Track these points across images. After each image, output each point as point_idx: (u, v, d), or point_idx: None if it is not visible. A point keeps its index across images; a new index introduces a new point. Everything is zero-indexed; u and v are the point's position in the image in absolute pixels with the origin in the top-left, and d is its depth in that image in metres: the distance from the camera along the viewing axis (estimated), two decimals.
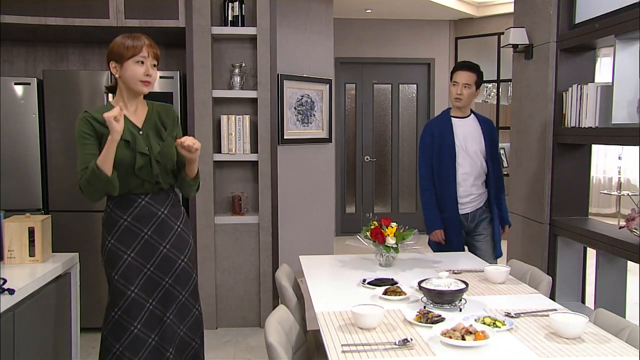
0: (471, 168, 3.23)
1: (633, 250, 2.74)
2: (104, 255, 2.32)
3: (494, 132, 3.35)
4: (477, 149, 3.24)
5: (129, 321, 2.26)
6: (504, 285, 2.37)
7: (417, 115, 7.39)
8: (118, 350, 2.25)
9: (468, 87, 3.22)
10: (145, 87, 2.26)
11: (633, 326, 1.82)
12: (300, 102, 5.07)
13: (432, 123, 3.39)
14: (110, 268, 2.29)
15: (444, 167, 3.23)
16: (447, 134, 3.24)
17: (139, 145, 2.25)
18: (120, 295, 2.26)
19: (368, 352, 1.66)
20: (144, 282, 2.29)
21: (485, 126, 3.30)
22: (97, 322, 3.79)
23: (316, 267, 2.70)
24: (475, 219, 3.29)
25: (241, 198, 3.95)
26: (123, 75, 2.24)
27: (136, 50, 2.21)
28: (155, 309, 2.31)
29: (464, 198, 3.24)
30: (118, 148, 2.16)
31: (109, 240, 2.29)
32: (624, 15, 2.83)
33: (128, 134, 2.23)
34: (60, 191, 3.76)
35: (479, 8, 6.95)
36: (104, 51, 4.24)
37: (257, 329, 3.90)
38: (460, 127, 3.26)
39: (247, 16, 3.94)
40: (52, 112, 3.72)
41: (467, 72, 3.25)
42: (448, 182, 3.22)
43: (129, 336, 2.25)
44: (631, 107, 2.90)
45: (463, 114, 3.30)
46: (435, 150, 3.26)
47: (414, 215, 7.40)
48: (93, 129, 2.21)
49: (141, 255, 2.29)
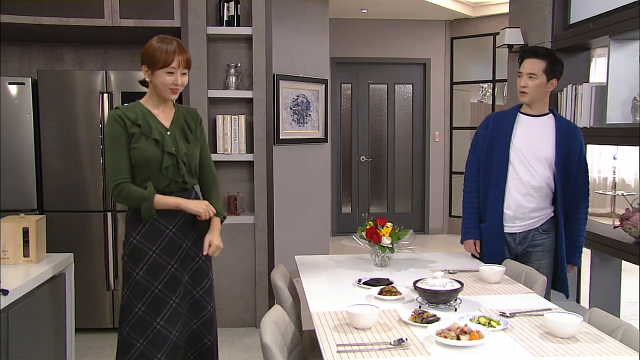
0: (529, 175, 2.65)
1: (628, 250, 2.75)
2: (126, 251, 2.31)
3: (574, 140, 2.67)
4: (543, 155, 2.65)
5: (152, 317, 2.27)
6: (499, 285, 2.37)
7: (413, 115, 7.40)
8: (142, 345, 2.26)
9: (534, 78, 2.62)
10: (172, 95, 2.32)
11: (627, 325, 1.82)
12: (296, 102, 5.07)
13: (493, 115, 2.88)
14: (133, 264, 2.29)
15: (494, 168, 2.71)
16: (503, 129, 2.70)
17: (167, 145, 2.30)
18: (144, 291, 2.27)
19: (363, 352, 1.65)
20: (168, 279, 2.31)
21: (562, 131, 2.67)
22: (93, 322, 3.82)
23: (312, 267, 2.70)
24: (525, 241, 2.72)
25: (237, 198, 3.94)
26: (153, 81, 2.30)
27: (167, 62, 2.25)
28: (178, 306, 2.33)
29: (512, 210, 2.69)
30: (148, 146, 2.25)
31: (133, 237, 2.29)
32: (618, 15, 2.84)
33: (157, 133, 2.29)
34: (55, 191, 3.74)
35: (475, 8, 6.97)
36: (99, 51, 4.26)
37: (252, 329, 3.89)
38: (526, 124, 2.70)
39: (243, 16, 3.93)
40: (46, 112, 3.71)
41: (532, 59, 2.64)
42: (494, 187, 2.70)
43: (152, 332, 2.27)
44: (625, 107, 2.91)
45: (536, 112, 2.71)
46: (485, 147, 2.75)
47: (409, 215, 7.41)
48: (125, 129, 2.25)
49: (165, 251, 2.31)
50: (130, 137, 2.25)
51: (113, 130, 2.24)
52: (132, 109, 2.29)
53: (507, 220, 2.71)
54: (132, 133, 2.25)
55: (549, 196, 2.70)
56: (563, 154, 2.65)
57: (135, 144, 2.25)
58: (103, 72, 3.74)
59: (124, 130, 2.24)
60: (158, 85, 2.28)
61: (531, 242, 2.72)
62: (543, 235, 2.72)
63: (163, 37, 2.30)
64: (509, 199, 2.69)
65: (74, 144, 3.74)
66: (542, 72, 2.62)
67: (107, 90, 3.73)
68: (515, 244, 2.74)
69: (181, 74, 2.29)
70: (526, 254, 2.74)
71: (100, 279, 3.81)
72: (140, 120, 2.26)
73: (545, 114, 2.72)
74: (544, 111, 2.72)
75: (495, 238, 2.73)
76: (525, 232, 2.71)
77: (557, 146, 2.65)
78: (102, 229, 3.78)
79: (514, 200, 2.68)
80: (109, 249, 3.80)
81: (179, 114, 2.41)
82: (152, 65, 2.26)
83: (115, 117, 2.25)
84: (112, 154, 2.25)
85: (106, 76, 3.74)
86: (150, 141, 2.26)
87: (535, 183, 2.66)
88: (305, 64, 5.15)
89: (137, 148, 2.25)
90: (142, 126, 2.26)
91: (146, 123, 2.27)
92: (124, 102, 3.72)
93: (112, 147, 2.25)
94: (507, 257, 2.75)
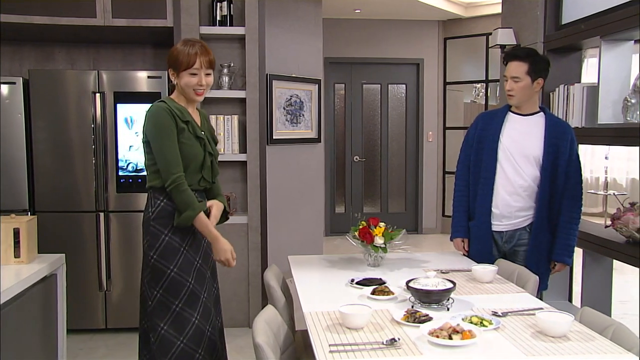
0: (516, 175, 2.66)
1: (619, 249, 2.76)
2: (157, 249, 2.28)
3: (564, 139, 2.64)
4: (531, 154, 2.65)
5: (190, 313, 2.29)
6: (491, 285, 2.38)
7: (406, 115, 7.41)
8: (182, 343, 2.27)
9: (518, 81, 2.62)
10: (197, 97, 2.36)
11: (617, 324, 1.84)
12: (289, 102, 5.07)
13: (484, 114, 2.89)
14: (166, 261, 2.28)
15: (482, 167, 2.71)
16: (492, 128, 2.71)
17: (208, 145, 2.38)
18: (180, 287, 2.28)
19: (355, 352, 1.66)
20: (196, 274, 2.35)
21: (551, 129, 2.66)
22: (85, 323, 3.80)
23: (305, 267, 2.70)
24: (513, 240, 2.74)
25: (230, 198, 3.93)
26: (179, 83, 2.34)
27: (189, 64, 2.29)
28: (207, 301, 2.38)
29: (499, 209, 2.70)
30: (194, 144, 2.31)
31: (165, 234, 2.29)
32: (609, 16, 2.86)
33: (200, 132, 2.36)
34: (47, 192, 3.72)
35: (467, 9, 6.99)
36: (91, 50, 4.24)
37: (246, 329, 3.89)
38: (516, 123, 2.70)
39: (236, 16, 3.93)
40: (38, 112, 3.69)
41: (514, 62, 2.63)
42: (483, 186, 2.71)
43: (191, 328, 2.29)
44: (616, 107, 2.93)
45: (526, 111, 2.71)
46: (475, 146, 2.76)
47: (403, 215, 7.43)
48: (175, 122, 2.27)
49: (193, 247, 2.35)
50: (177, 132, 2.27)
51: (165, 122, 2.24)
52: (174, 104, 2.32)
53: (494, 218, 2.72)
54: (182, 128, 2.28)
55: (536, 193, 2.69)
56: (552, 152, 2.63)
57: (183, 140, 2.28)
58: (95, 72, 3.72)
59: (174, 123, 2.26)
60: (184, 87, 2.33)
61: (518, 242, 2.74)
62: (530, 234, 2.72)
63: (187, 40, 2.35)
64: (497, 198, 2.69)
65: (66, 144, 3.72)
66: (525, 74, 2.61)
67: (100, 90, 3.71)
68: (503, 242, 2.75)
69: (205, 74, 2.33)
70: (514, 252, 2.76)
71: (93, 279, 3.79)
72: (186, 116, 2.31)
73: (536, 113, 2.72)
74: (534, 110, 2.72)
75: (484, 236, 2.74)
76: (512, 231, 2.73)
77: (545, 145, 2.64)
78: (94, 229, 3.77)
79: (501, 199, 2.69)
80: (101, 249, 3.78)
81: (203, 116, 2.49)
82: (177, 67, 2.31)
83: (166, 110, 2.26)
84: (167, 145, 2.24)
85: (98, 76, 3.72)
86: (196, 139, 2.32)
87: (522, 182, 2.67)
88: (298, 64, 5.15)
89: (185, 144, 2.28)
90: (189, 123, 2.31)
91: (191, 120, 2.33)
92: (116, 103, 3.71)
93: (166, 137, 2.25)
94: (496, 255, 2.77)
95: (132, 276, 3.80)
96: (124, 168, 3.76)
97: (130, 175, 3.76)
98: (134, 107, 3.73)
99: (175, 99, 2.38)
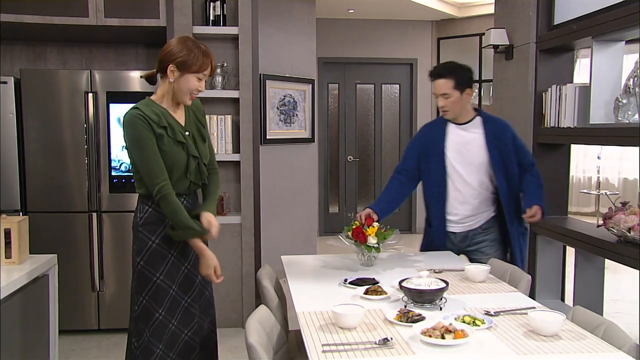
0: (465, 185, 2.79)
1: (610, 249, 2.78)
2: (143, 255, 2.24)
3: (504, 137, 2.75)
4: (477, 162, 2.76)
5: (169, 320, 2.25)
6: (484, 284, 2.38)
7: (400, 115, 7.43)
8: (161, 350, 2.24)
9: (448, 97, 2.72)
10: (189, 100, 2.28)
11: (609, 323, 1.85)
12: (283, 102, 5.06)
13: (426, 127, 2.99)
14: (153, 269, 2.23)
15: (432, 181, 2.84)
16: (436, 141, 2.81)
17: (191, 148, 2.26)
18: (164, 295, 2.24)
19: (348, 352, 1.66)
20: (182, 280, 2.30)
21: (490, 132, 2.75)
22: (77, 324, 3.78)
23: (298, 267, 2.70)
24: (466, 240, 2.89)
25: (223, 198, 3.93)
26: (178, 83, 2.22)
27: (202, 68, 2.21)
28: (190, 306, 2.32)
29: (452, 217, 2.86)
30: (175, 150, 2.20)
31: (152, 241, 2.24)
32: (601, 17, 2.87)
33: (181, 135, 2.24)
34: (39, 192, 3.70)
35: (461, 9, 7.01)
36: (84, 50, 4.22)
37: (239, 329, 3.88)
38: (456, 135, 2.80)
39: (229, 16, 3.92)
40: (30, 112, 3.67)
41: (438, 80, 2.73)
42: (436, 198, 2.85)
43: (167, 334, 2.25)
44: (608, 107, 2.94)
45: (462, 120, 2.80)
46: (423, 158, 2.87)
47: (396, 214, 7.43)
48: (151, 130, 2.16)
49: (181, 253, 2.30)
50: (156, 139, 2.17)
51: (139, 131, 2.14)
52: (151, 108, 2.19)
53: (449, 223, 2.88)
54: (159, 134, 2.17)
55: (489, 199, 2.83)
56: (497, 155, 2.73)
57: (163, 147, 2.18)
58: (88, 72, 3.70)
59: (150, 131, 2.15)
60: (182, 88, 2.21)
61: (472, 241, 2.88)
62: (483, 233, 2.87)
63: (193, 40, 2.24)
64: (450, 208, 2.84)
65: (58, 144, 3.70)
66: (452, 89, 2.70)
67: (92, 90, 3.70)
68: (458, 241, 2.90)
69: (205, 80, 2.28)
70: (472, 251, 2.90)
71: (85, 280, 3.78)
72: (164, 121, 2.19)
73: (473, 119, 2.81)
74: (470, 117, 2.81)
75: (440, 238, 2.91)
76: (465, 232, 2.87)
77: (488, 149, 2.73)
78: (87, 229, 3.75)
79: (453, 208, 2.83)
80: (94, 250, 3.76)
81: (189, 110, 2.35)
82: (184, 67, 2.18)
83: (138, 118, 2.15)
84: (146, 155, 2.15)
85: (91, 76, 3.70)
86: (177, 144, 2.21)
87: (472, 191, 2.79)
88: (292, 63, 5.15)
89: (165, 151, 2.18)
90: (167, 128, 2.19)
91: (169, 125, 2.21)
92: (109, 102, 3.70)
93: (143, 148, 2.15)
94: (450, 249, 2.91)
95: (124, 277, 3.79)
96: (117, 168, 3.74)
97: (123, 176, 3.75)
98: (126, 107, 3.61)
99: (157, 100, 2.27)
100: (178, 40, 2.24)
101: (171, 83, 2.23)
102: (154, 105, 2.24)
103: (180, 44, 2.21)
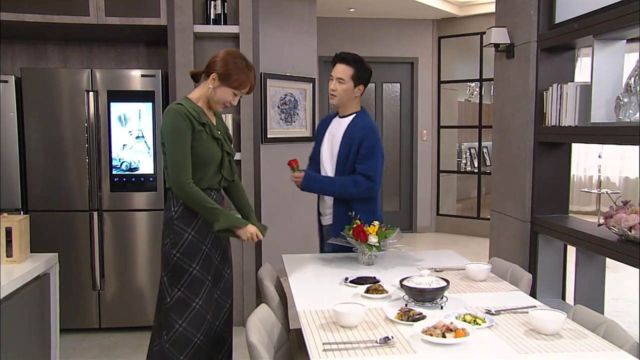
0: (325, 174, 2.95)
1: (611, 248, 2.78)
2: (180, 247, 2.33)
3: (355, 139, 2.80)
4: (335, 154, 2.89)
5: (207, 310, 2.37)
6: (485, 283, 2.38)
7: (401, 114, 7.42)
8: (199, 339, 2.34)
9: (342, 82, 2.82)
10: (221, 108, 2.43)
11: (610, 322, 1.85)
12: (284, 101, 5.06)
13: (326, 116, 3.12)
14: (189, 260, 2.34)
15: (318, 170, 3.00)
16: (321, 132, 2.99)
17: (226, 145, 2.42)
18: (201, 285, 2.35)
19: (349, 351, 1.66)
20: (215, 272, 2.43)
21: (349, 130, 2.84)
22: (78, 323, 3.78)
23: (299, 265, 2.70)
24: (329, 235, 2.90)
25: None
26: (215, 92, 2.37)
27: (242, 87, 2.37)
28: (220, 298, 2.48)
29: (325, 209, 3.01)
30: (212, 146, 2.35)
31: (189, 233, 2.34)
32: (602, 15, 2.87)
33: (217, 133, 2.39)
34: (40, 191, 3.71)
35: (462, 7, 7.00)
36: (84, 49, 4.22)
37: (240, 328, 3.86)
38: (334, 127, 2.94)
39: (230, 14, 3.92)
40: (30, 111, 3.67)
41: (341, 64, 2.83)
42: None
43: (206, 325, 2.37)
44: (609, 106, 2.94)
45: (344, 113, 2.91)
46: (316, 147, 3.03)
47: (397, 213, 7.43)
48: (191, 126, 2.28)
49: (214, 245, 2.42)
50: (194, 135, 2.29)
51: (180, 125, 2.26)
52: (191, 106, 2.32)
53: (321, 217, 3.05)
54: (199, 130, 2.30)
55: None
56: (344, 152, 2.82)
57: (202, 142, 2.30)
58: (88, 71, 3.70)
59: (190, 127, 2.28)
60: (217, 97, 2.37)
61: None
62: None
63: (245, 59, 2.38)
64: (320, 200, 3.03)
65: (59, 143, 3.70)
66: (349, 77, 2.82)
67: (93, 89, 3.70)
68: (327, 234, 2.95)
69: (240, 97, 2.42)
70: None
71: (86, 279, 3.78)
72: (203, 118, 2.33)
73: (352, 115, 2.89)
74: (351, 112, 2.90)
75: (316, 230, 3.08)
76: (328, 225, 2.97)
77: (341, 145, 2.83)
78: (87, 228, 3.75)
79: (328, 197, 2.96)
80: (95, 248, 3.77)
81: (217, 116, 2.52)
82: (227, 80, 2.34)
83: (181, 113, 2.27)
84: (180, 150, 2.27)
85: (92, 74, 3.70)
86: (213, 140, 2.35)
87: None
88: (292, 62, 5.14)
89: (203, 146, 2.31)
90: (206, 125, 2.33)
91: (207, 122, 2.35)
92: (109, 101, 3.70)
93: (179, 142, 2.27)
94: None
95: (125, 275, 3.79)
96: (118, 167, 3.74)
97: (124, 174, 3.75)
98: (127, 106, 3.72)
99: (194, 99, 2.39)
100: (229, 54, 2.38)
101: (210, 89, 2.36)
102: (192, 104, 2.37)
103: (231, 57, 2.36)
